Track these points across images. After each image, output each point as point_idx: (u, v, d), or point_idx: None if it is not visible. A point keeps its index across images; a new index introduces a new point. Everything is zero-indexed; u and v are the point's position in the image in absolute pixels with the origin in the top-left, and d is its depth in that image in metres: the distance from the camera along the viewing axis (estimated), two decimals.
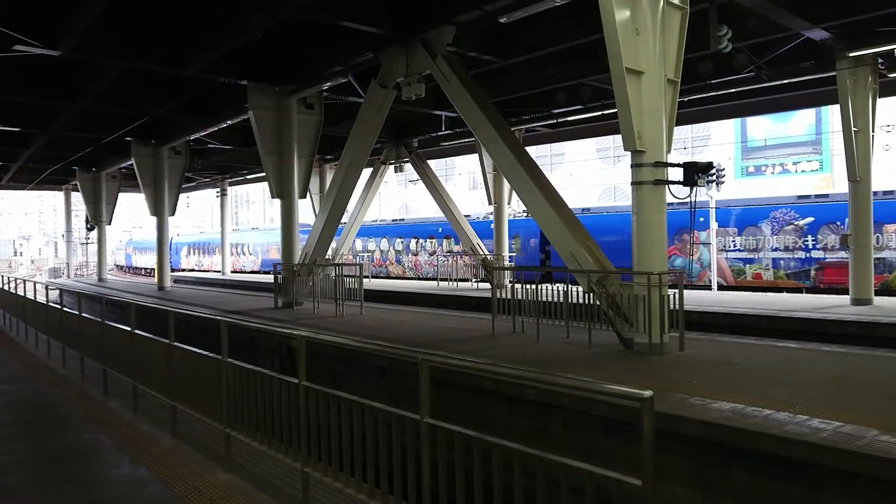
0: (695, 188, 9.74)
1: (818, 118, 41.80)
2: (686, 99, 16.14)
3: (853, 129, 14.34)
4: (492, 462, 3.53)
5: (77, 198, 37.04)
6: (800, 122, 42.89)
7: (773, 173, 45.49)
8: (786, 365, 8.30)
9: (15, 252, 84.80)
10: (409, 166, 25.65)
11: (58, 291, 12.44)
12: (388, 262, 35.18)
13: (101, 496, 5.14)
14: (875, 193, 15.20)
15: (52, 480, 5.48)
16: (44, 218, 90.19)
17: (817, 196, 23.81)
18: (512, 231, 25.64)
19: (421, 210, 48.24)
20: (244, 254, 47.36)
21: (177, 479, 5.37)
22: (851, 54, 13.88)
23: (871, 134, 14.67)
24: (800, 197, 23.44)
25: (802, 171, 44.17)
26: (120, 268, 64.93)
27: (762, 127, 44.57)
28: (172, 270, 49.14)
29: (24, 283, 16.41)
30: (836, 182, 38.63)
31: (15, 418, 7.63)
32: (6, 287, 18.25)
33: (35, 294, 14.55)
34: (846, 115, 14.35)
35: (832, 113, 35.84)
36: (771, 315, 13.57)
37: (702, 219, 22.72)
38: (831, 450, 4.98)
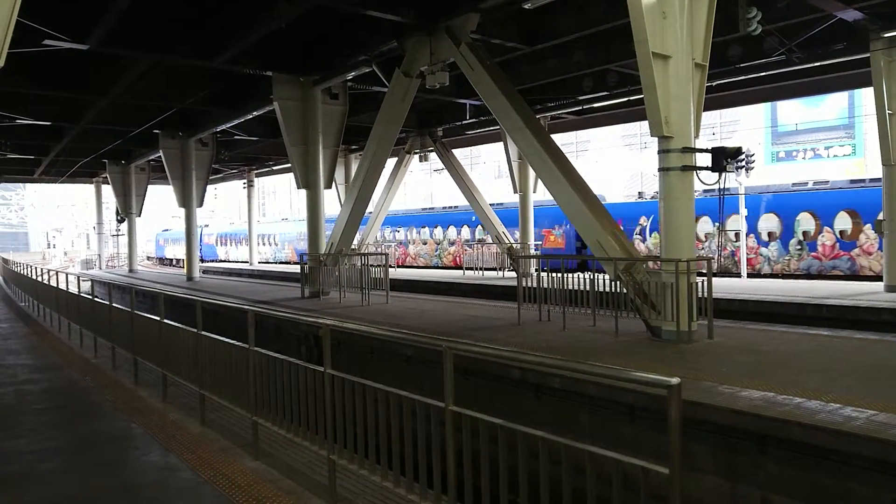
0: (724, 174, 9.59)
1: (851, 101, 40.88)
2: (714, 83, 15.85)
3: (888, 111, 14.01)
4: (517, 450, 3.51)
5: (108, 190, 37.61)
6: (832, 105, 41.98)
7: (804, 158, 44.66)
8: (817, 353, 8.16)
9: (48, 244, 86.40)
10: (433, 155, 25.61)
11: (89, 282, 12.64)
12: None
13: (133, 482, 5.23)
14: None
15: (85, 467, 5.58)
16: (75, 210, 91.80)
17: None
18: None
19: (446, 199, 47.97)
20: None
21: (206, 466, 5.44)
22: (886, 35, 13.53)
23: None
24: None
25: (835, 155, 43.28)
26: (160, 260, 64.24)
27: (793, 111, 43.72)
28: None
29: (57, 275, 16.71)
30: (869, 167, 37.77)
31: (49, 406, 7.80)
32: (40, 278, 18.60)
33: (68, 285, 14.80)
34: (880, 98, 14.02)
35: (865, 96, 34.98)
36: (802, 302, 13.35)
37: None
38: (864, 438, 4.89)
